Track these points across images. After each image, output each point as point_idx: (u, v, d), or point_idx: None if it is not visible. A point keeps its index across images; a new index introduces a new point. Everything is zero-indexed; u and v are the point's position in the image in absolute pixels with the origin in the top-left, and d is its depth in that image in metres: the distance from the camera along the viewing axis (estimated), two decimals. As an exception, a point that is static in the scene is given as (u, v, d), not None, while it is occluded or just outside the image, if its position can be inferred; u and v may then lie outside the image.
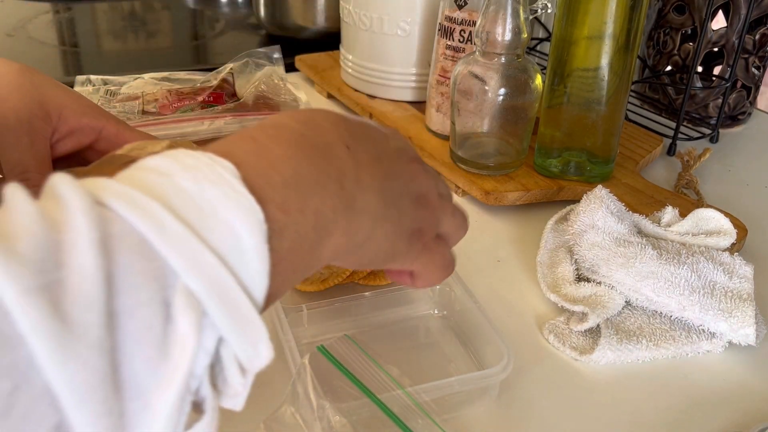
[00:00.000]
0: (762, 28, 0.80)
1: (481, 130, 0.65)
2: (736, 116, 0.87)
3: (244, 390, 0.25)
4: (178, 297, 0.21)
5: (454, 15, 0.68)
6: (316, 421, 0.35)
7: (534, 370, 0.46)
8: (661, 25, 0.85)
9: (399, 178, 0.34)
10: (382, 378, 0.38)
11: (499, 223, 0.63)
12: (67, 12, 1.28)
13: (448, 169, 0.68)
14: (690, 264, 0.49)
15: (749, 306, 0.47)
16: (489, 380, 0.42)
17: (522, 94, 0.63)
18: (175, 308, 0.21)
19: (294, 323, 0.46)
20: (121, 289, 0.20)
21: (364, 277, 0.52)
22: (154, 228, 0.21)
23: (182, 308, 0.21)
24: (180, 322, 0.21)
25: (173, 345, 0.21)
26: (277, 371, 0.44)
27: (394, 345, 0.48)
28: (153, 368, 0.21)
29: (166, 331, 0.21)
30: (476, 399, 0.43)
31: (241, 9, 1.37)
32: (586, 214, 0.54)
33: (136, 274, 0.21)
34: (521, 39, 0.60)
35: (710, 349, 0.48)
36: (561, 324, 0.50)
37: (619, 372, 0.46)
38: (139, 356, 0.21)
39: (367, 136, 0.34)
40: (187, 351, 0.21)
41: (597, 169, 0.65)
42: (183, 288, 0.22)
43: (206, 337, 0.22)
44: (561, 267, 0.53)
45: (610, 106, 0.62)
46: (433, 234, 0.38)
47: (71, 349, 0.19)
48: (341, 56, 0.89)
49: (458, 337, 0.49)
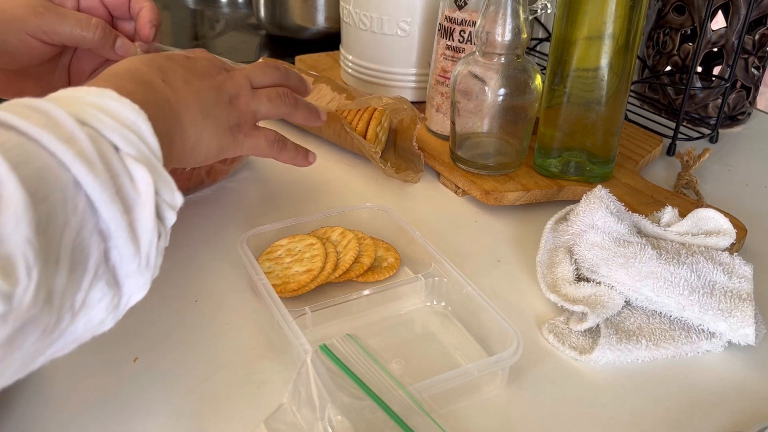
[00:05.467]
0: (761, 28, 0.80)
1: (481, 130, 0.65)
2: (735, 116, 0.87)
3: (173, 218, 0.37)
4: (127, 160, 0.34)
5: (454, 15, 0.68)
6: (318, 420, 0.36)
7: (534, 370, 0.46)
8: (661, 25, 0.85)
9: (209, 91, 0.47)
10: (384, 377, 0.39)
11: (499, 223, 0.63)
12: (67, 12, 1.28)
13: (448, 169, 0.68)
14: (690, 264, 0.49)
15: (749, 306, 0.47)
16: (500, 365, 0.42)
17: (522, 94, 0.63)
18: (129, 165, 0.34)
19: (299, 326, 0.46)
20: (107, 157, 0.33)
21: (361, 274, 0.53)
22: (97, 121, 0.34)
23: (133, 164, 0.34)
24: (136, 171, 0.34)
25: (139, 183, 0.34)
26: (277, 371, 0.45)
27: (399, 339, 0.48)
28: (134, 195, 0.34)
29: (132, 176, 0.34)
30: (484, 386, 0.44)
31: (241, 9, 1.37)
32: (585, 214, 0.54)
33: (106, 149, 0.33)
34: (521, 39, 0.61)
35: (710, 348, 0.48)
36: (561, 324, 0.50)
37: (618, 372, 0.46)
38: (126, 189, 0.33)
39: (175, 66, 0.46)
40: (149, 186, 0.34)
41: (597, 169, 0.66)
42: (125, 155, 0.34)
43: None
44: (561, 267, 0.53)
45: (610, 106, 0.62)
46: (252, 123, 0.51)
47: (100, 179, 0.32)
48: (341, 56, 0.89)
49: (462, 325, 0.49)
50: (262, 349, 0.46)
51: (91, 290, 0.32)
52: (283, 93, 0.53)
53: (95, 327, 0.33)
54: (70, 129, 0.32)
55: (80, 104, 0.34)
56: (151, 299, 0.50)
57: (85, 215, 0.31)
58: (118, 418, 0.41)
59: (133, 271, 0.34)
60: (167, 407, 0.41)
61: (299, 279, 0.51)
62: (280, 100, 0.52)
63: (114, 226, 0.32)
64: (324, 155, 0.75)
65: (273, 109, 0.52)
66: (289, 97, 0.53)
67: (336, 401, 0.36)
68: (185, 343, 0.47)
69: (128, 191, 0.33)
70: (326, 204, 0.65)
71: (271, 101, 0.52)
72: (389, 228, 0.57)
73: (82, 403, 0.41)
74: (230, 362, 0.45)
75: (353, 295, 0.49)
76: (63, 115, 0.32)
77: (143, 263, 0.34)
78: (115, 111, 0.35)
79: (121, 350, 0.45)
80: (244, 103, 0.50)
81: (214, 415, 0.41)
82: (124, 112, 0.35)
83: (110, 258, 0.33)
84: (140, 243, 0.34)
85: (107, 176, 0.32)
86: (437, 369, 0.44)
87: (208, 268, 0.54)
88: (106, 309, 0.33)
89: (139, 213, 0.34)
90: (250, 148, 0.52)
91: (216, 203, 0.64)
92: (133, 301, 0.35)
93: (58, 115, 0.32)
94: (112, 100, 0.35)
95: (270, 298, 0.46)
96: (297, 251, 0.53)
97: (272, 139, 0.53)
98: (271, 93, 0.52)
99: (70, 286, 0.31)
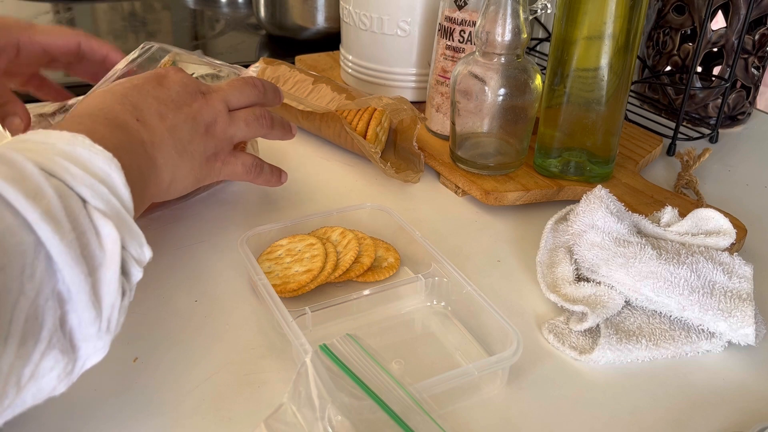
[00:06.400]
0: (761, 28, 0.80)
1: (481, 130, 0.65)
2: (735, 116, 0.87)
3: (139, 275, 0.36)
4: (95, 215, 0.33)
5: (454, 15, 0.68)
6: (318, 420, 0.36)
7: (534, 370, 0.46)
8: (661, 26, 0.85)
9: (185, 124, 0.46)
10: (384, 377, 0.39)
11: (499, 223, 0.63)
12: (67, 12, 1.28)
13: (448, 169, 0.68)
14: (689, 264, 0.49)
15: (749, 306, 0.47)
16: (500, 365, 0.42)
17: (522, 94, 0.63)
18: (95, 220, 0.33)
19: (299, 326, 0.46)
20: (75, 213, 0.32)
21: (361, 274, 0.53)
22: (66, 173, 0.33)
23: (100, 220, 0.33)
24: (103, 228, 0.33)
25: (105, 240, 0.33)
26: (277, 371, 0.45)
27: (399, 339, 0.48)
28: (99, 254, 0.33)
29: (99, 233, 0.33)
30: (484, 386, 0.44)
31: (241, 9, 1.37)
32: (585, 214, 0.54)
33: (74, 204, 0.32)
34: (521, 39, 0.61)
35: (710, 348, 0.48)
36: (561, 324, 0.50)
37: (618, 372, 0.46)
38: (92, 247, 0.32)
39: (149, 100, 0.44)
40: (115, 243, 0.33)
41: (597, 169, 0.66)
42: (93, 209, 0.33)
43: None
44: (561, 267, 0.53)
45: (610, 106, 0.62)
46: (229, 149, 0.51)
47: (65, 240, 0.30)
48: (341, 56, 0.89)
49: (462, 325, 0.49)
50: (262, 349, 0.46)
51: (43, 361, 0.30)
52: (260, 114, 0.52)
53: (45, 395, 0.32)
54: (36, 183, 0.31)
55: (50, 153, 0.33)
56: (151, 299, 0.51)
57: (43, 280, 0.30)
58: (118, 418, 0.41)
59: (91, 335, 0.32)
60: (167, 407, 0.41)
61: (299, 279, 0.51)
62: (257, 122, 0.52)
63: (75, 289, 0.31)
64: (324, 155, 0.75)
65: (250, 133, 0.51)
66: (266, 118, 0.53)
67: (336, 401, 0.36)
68: (185, 343, 0.47)
69: (94, 249, 0.32)
70: (326, 204, 0.65)
71: (248, 125, 0.51)
72: (389, 228, 0.57)
73: (82, 403, 0.41)
74: (230, 362, 0.45)
75: (353, 295, 0.49)
76: (30, 167, 0.31)
77: (103, 327, 0.33)
78: (87, 161, 0.34)
79: (121, 350, 0.45)
80: (220, 130, 0.49)
81: (214, 415, 0.41)
82: (96, 163, 0.34)
83: (67, 322, 0.31)
84: (102, 306, 0.32)
85: (73, 236, 0.31)
86: (437, 369, 0.44)
87: (208, 268, 0.54)
88: (58, 377, 0.31)
89: (103, 273, 0.32)
90: (228, 174, 0.51)
91: (216, 203, 0.64)
92: (89, 364, 0.34)
93: (25, 168, 0.31)
94: (84, 149, 0.34)
95: (270, 298, 0.46)
96: (297, 251, 0.53)
97: (249, 164, 0.53)
98: (249, 116, 0.51)
99: (18, 362, 0.29)
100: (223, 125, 0.49)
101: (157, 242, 0.57)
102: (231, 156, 0.51)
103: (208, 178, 0.50)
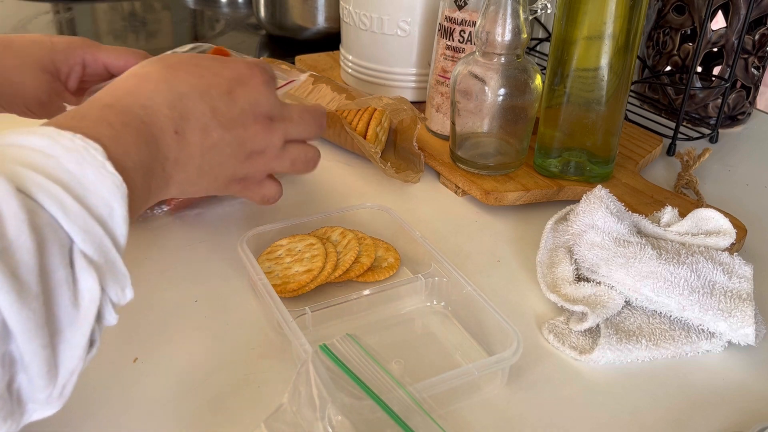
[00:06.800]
0: (761, 28, 0.80)
1: (481, 130, 0.65)
2: (735, 116, 0.87)
3: (114, 321, 0.32)
4: (78, 260, 0.29)
5: (454, 15, 0.68)
6: (318, 420, 0.36)
7: (534, 370, 0.46)
8: (661, 26, 0.85)
9: (227, 147, 0.42)
10: (384, 377, 0.39)
11: (499, 223, 0.63)
12: (67, 12, 1.28)
13: (448, 169, 0.68)
14: (689, 264, 0.49)
15: (749, 306, 0.47)
16: (500, 365, 0.42)
17: (522, 94, 0.63)
18: (77, 269, 0.29)
19: (299, 326, 0.46)
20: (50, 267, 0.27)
21: (361, 274, 0.53)
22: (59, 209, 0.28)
23: (83, 269, 0.29)
24: (83, 281, 0.29)
25: (82, 295, 0.29)
26: (277, 371, 0.45)
27: (399, 339, 0.48)
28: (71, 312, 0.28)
29: (77, 287, 0.29)
30: (484, 386, 0.44)
31: (241, 9, 1.37)
32: (585, 214, 0.54)
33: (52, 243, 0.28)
34: (521, 39, 0.61)
35: (710, 348, 0.48)
36: (561, 324, 0.50)
37: (618, 372, 0.46)
38: (62, 306, 0.28)
39: (204, 109, 0.40)
40: (93, 302, 0.29)
41: (597, 169, 0.66)
42: (79, 252, 0.29)
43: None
44: (561, 267, 0.53)
45: (610, 106, 0.62)
46: (260, 180, 0.46)
47: (28, 308, 0.26)
48: (341, 56, 0.89)
49: (461, 325, 0.49)
50: (262, 349, 0.46)
51: None
52: (311, 159, 0.48)
53: None
54: (12, 234, 0.26)
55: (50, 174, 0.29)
56: (152, 299, 0.51)
57: None
58: (118, 418, 0.41)
59: (40, 400, 0.28)
60: (167, 407, 0.41)
61: (299, 279, 0.51)
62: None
63: (29, 358, 0.27)
64: (324, 155, 0.74)
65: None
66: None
67: (336, 401, 0.36)
68: (185, 343, 0.47)
69: (64, 308, 0.28)
70: (326, 204, 0.65)
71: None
72: (389, 228, 0.57)
73: (82, 403, 0.41)
74: (230, 362, 0.45)
75: (353, 295, 0.49)
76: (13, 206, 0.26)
77: (55, 394, 0.29)
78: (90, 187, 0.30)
79: (121, 350, 0.45)
80: (263, 162, 0.45)
81: (214, 415, 0.41)
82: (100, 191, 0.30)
83: (16, 382, 0.27)
84: (58, 374, 0.28)
85: (39, 302, 0.26)
86: (437, 369, 0.44)
87: (208, 268, 0.54)
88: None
89: (70, 335, 0.28)
90: (241, 196, 0.47)
91: (216, 203, 0.64)
92: (35, 417, 0.30)
93: (4, 211, 0.26)
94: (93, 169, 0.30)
95: (270, 298, 0.46)
96: (297, 251, 0.53)
97: (269, 197, 0.48)
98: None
99: None
100: (269, 158, 0.45)
101: (158, 242, 0.57)
102: (257, 185, 0.46)
103: (215, 193, 0.45)
